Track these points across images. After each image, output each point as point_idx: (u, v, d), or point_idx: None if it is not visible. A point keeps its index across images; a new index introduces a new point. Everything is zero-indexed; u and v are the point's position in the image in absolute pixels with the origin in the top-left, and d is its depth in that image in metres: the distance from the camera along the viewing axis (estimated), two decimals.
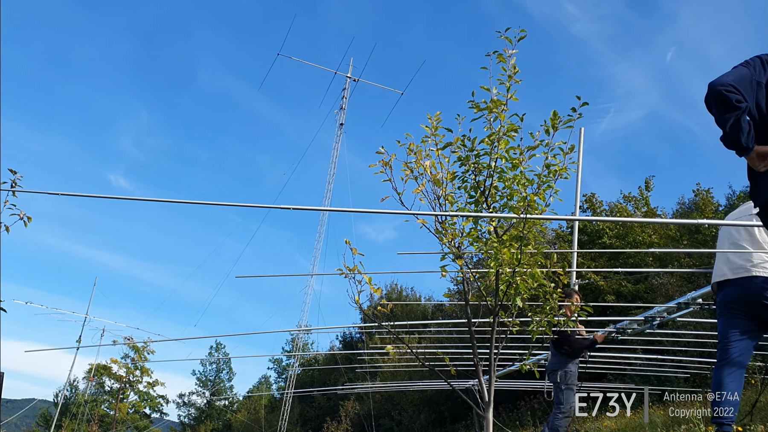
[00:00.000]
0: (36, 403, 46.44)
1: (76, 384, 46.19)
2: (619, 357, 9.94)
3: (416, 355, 4.67)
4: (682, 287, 17.01)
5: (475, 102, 4.04)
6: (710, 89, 2.55)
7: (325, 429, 28.15)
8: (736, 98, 2.48)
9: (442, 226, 4.18)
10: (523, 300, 4.01)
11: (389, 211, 4.11)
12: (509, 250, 3.87)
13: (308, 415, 35.27)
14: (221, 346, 51.04)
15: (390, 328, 4.21)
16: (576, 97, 3.86)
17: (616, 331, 6.87)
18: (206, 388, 52.98)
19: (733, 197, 20.54)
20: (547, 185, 4.06)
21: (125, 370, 46.03)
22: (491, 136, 4.03)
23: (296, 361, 35.76)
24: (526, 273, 3.96)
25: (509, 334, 4.33)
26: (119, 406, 43.91)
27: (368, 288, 3.95)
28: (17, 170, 3.58)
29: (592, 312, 4.49)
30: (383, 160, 4.18)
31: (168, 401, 49.88)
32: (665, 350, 10.23)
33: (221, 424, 49.64)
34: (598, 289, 18.81)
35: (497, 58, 3.96)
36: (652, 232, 20.53)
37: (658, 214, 23.49)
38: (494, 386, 4.07)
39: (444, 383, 5.55)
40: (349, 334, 35.97)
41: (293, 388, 31.09)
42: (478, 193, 4.17)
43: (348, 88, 32.85)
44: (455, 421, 23.70)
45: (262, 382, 51.88)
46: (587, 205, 23.19)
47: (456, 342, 11.45)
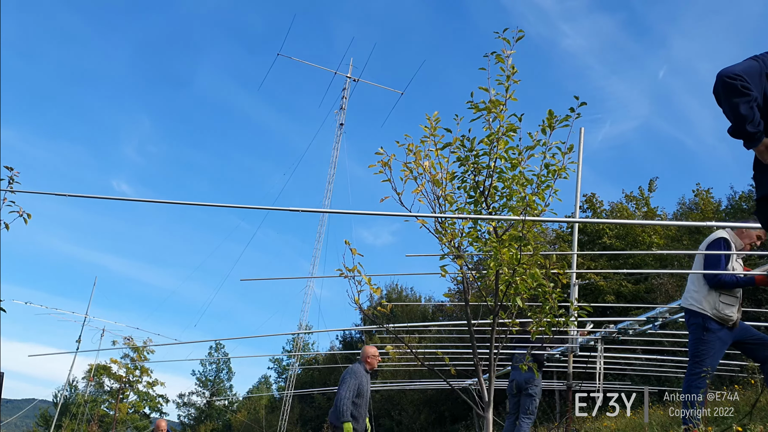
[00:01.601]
0: (36, 403, 46.44)
1: (75, 384, 46.22)
2: (619, 357, 9.94)
3: (416, 355, 4.67)
4: (682, 287, 16.99)
5: (473, 102, 4.04)
6: (718, 78, 2.59)
7: (325, 429, 28.14)
8: (741, 84, 2.52)
9: (442, 226, 4.18)
10: (522, 300, 4.01)
11: (390, 213, 4.11)
12: (509, 250, 3.87)
13: (308, 415, 35.27)
14: (221, 346, 51.08)
15: (388, 329, 4.21)
16: (574, 97, 3.86)
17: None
18: (206, 388, 52.99)
19: (734, 197, 20.53)
20: (546, 185, 4.06)
21: (125, 370, 46.02)
22: (490, 136, 4.02)
23: (296, 361, 35.77)
24: (525, 273, 3.96)
25: (509, 334, 4.33)
26: (119, 406, 43.90)
27: (368, 288, 3.95)
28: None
29: (591, 312, 4.48)
30: (382, 161, 4.18)
31: (168, 401, 49.90)
32: (665, 350, 10.23)
33: (221, 424, 49.65)
34: (598, 289, 18.80)
35: (495, 58, 3.96)
36: (653, 232, 20.52)
37: (659, 214, 23.47)
38: (494, 386, 4.07)
39: (444, 383, 5.55)
40: (348, 335, 35.98)
41: (293, 388, 31.09)
42: (477, 193, 4.17)
43: (348, 88, 32.87)
44: (455, 421, 23.70)
45: (262, 383, 51.91)
46: (587, 205, 23.15)
47: (456, 342, 11.45)
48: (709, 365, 4.49)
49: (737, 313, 4.69)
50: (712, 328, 4.59)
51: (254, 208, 4.37)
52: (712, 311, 4.60)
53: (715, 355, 4.61)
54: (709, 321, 4.60)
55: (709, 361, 4.53)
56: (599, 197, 23.42)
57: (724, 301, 4.62)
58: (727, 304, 4.62)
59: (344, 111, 32.62)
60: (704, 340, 4.57)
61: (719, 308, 4.60)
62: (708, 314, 4.60)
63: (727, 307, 4.62)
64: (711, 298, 4.62)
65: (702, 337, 4.57)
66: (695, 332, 4.62)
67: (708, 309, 4.61)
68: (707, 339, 4.57)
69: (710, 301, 4.62)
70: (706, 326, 4.60)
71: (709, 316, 4.60)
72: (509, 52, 3.94)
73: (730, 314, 4.63)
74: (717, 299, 4.62)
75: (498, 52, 3.95)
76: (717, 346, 4.60)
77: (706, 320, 4.60)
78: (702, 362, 4.51)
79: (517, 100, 3.99)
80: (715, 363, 4.68)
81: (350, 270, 3.90)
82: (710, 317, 4.60)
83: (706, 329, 4.60)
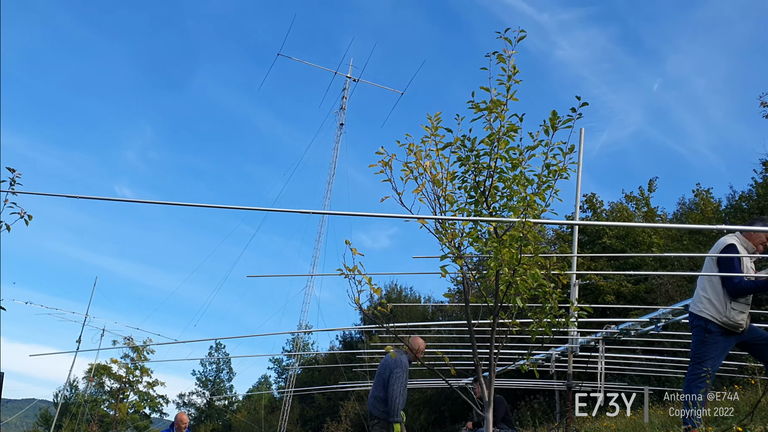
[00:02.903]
0: (36, 403, 46.47)
1: (76, 384, 46.24)
2: (619, 357, 9.94)
3: (416, 355, 4.67)
4: (682, 287, 17.01)
5: (474, 102, 4.04)
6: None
7: (325, 429, 28.15)
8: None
9: (442, 226, 4.18)
10: (523, 300, 4.01)
11: (389, 215, 4.11)
12: (509, 251, 3.86)
13: (308, 415, 35.28)
14: (221, 346, 51.12)
15: (388, 329, 4.21)
16: (576, 97, 3.86)
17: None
18: (206, 388, 53.01)
19: (734, 197, 20.53)
20: (547, 185, 4.06)
21: (125, 370, 46.04)
22: (491, 136, 4.02)
23: (296, 361, 35.78)
24: (525, 273, 3.95)
25: (509, 334, 4.33)
26: (119, 406, 43.93)
27: (368, 288, 3.95)
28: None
29: (591, 312, 4.48)
30: (383, 160, 4.18)
31: (168, 401, 49.92)
32: (665, 350, 10.23)
33: (221, 424, 49.67)
34: (598, 289, 18.81)
35: (497, 58, 3.96)
36: (653, 232, 20.53)
37: (659, 214, 23.49)
38: (494, 386, 4.07)
39: (444, 383, 5.55)
40: (348, 335, 36.00)
41: (293, 388, 31.10)
42: (477, 193, 4.17)
43: (348, 89, 32.89)
44: (455, 421, 23.71)
45: (262, 382, 51.96)
46: (587, 206, 23.17)
47: (456, 342, 11.46)
48: (710, 366, 4.49)
49: (747, 318, 4.70)
50: (714, 330, 4.61)
51: (255, 210, 4.37)
52: (723, 319, 4.62)
53: (717, 357, 4.62)
54: (713, 324, 4.62)
55: (710, 363, 4.55)
56: (599, 197, 23.45)
57: (735, 308, 4.61)
58: (738, 311, 4.62)
59: (344, 111, 32.66)
60: (706, 341, 4.61)
61: (730, 315, 4.60)
62: (715, 320, 4.62)
63: (738, 314, 4.62)
64: (724, 305, 4.62)
65: (704, 339, 4.61)
66: (698, 334, 4.67)
67: (717, 316, 4.63)
68: (709, 341, 4.60)
69: (721, 308, 4.62)
70: (709, 328, 4.63)
71: (714, 321, 4.62)
72: (511, 52, 3.94)
73: (741, 321, 4.63)
74: (729, 306, 4.61)
75: (499, 51, 3.95)
76: (719, 348, 4.61)
77: (709, 323, 4.63)
78: (703, 363, 4.52)
79: (518, 100, 3.99)
80: (717, 365, 4.68)
81: (350, 270, 3.90)
82: (715, 322, 4.61)
83: (708, 331, 4.63)
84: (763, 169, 19.26)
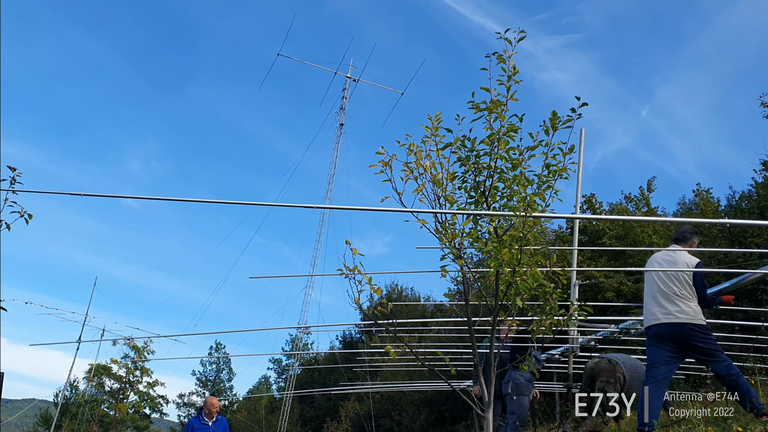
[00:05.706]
0: (36, 403, 46.43)
1: (76, 384, 46.17)
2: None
3: (416, 355, 4.67)
4: None
5: (475, 103, 4.04)
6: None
7: (325, 429, 28.12)
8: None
9: (442, 226, 4.18)
10: (523, 300, 4.01)
11: (390, 209, 4.11)
12: (509, 250, 3.87)
13: (308, 416, 35.26)
14: (221, 346, 51.09)
15: (388, 328, 4.21)
16: (575, 97, 3.87)
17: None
18: (206, 388, 52.97)
19: (734, 197, 20.53)
20: (547, 185, 4.06)
21: (125, 370, 46.00)
22: (491, 136, 4.02)
23: (296, 361, 35.78)
24: (525, 273, 3.96)
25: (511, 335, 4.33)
26: (119, 406, 43.89)
27: (368, 288, 3.95)
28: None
29: (591, 312, 4.48)
30: (383, 161, 4.19)
31: (168, 401, 49.87)
32: None
33: None
34: (598, 287, 18.79)
35: (497, 59, 3.96)
36: (653, 232, 20.51)
37: (659, 214, 23.48)
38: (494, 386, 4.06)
39: (444, 383, 5.55)
40: (349, 335, 35.98)
41: (293, 388, 31.09)
42: (478, 193, 4.17)
43: (348, 89, 32.90)
44: (455, 422, 23.70)
45: (262, 383, 51.88)
46: (587, 206, 23.17)
47: (456, 342, 11.46)
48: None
49: None
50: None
51: (255, 204, 4.37)
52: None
53: None
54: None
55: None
56: (598, 197, 23.46)
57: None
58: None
59: (344, 111, 32.67)
60: (713, 336, 5.36)
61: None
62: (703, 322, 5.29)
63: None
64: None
65: (712, 335, 5.34)
66: (709, 335, 5.28)
67: (703, 318, 5.30)
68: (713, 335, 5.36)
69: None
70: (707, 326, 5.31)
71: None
72: (511, 53, 3.94)
73: None
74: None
75: (499, 52, 3.95)
76: None
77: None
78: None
79: (518, 100, 3.99)
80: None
81: (351, 270, 3.90)
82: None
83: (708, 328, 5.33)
84: (763, 168, 19.26)
